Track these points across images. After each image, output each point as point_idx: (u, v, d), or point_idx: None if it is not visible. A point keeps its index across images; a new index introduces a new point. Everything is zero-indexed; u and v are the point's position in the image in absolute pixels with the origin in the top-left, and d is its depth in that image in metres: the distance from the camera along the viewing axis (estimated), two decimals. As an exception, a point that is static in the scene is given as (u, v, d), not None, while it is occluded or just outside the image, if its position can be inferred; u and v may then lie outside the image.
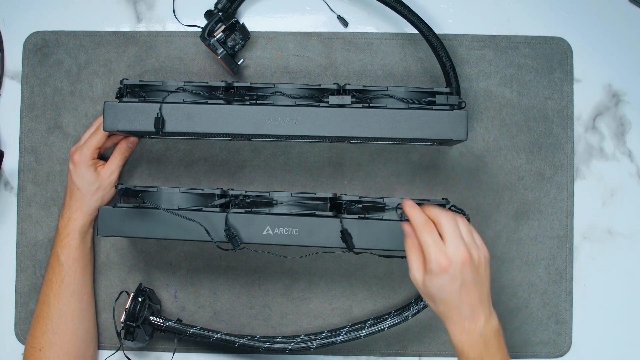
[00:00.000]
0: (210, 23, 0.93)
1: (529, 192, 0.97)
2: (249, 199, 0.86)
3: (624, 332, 0.97)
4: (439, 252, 0.73)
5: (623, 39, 0.98)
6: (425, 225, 0.74)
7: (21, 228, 0.97)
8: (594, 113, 0.98)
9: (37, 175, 0.97)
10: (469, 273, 0.73)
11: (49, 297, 0.90)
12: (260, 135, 0.87)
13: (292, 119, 0.84)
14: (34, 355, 0.89)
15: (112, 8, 0.99)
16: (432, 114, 0.84)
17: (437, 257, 0.72)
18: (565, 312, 0.96)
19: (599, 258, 0.97)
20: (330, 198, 0.86)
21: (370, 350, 0.97)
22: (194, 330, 0.91)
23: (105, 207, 0.86)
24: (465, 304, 0.73)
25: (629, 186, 0.97)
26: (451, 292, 0.73)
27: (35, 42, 0.98)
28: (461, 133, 0.84)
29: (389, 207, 0.85)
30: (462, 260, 0.73)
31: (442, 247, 0.73)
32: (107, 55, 0.98)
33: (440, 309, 0.75)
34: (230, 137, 0.92)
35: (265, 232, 0.84)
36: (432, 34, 0.91)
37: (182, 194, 0.85)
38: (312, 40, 0.97)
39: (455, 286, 0.73)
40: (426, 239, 0.73)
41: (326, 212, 0.85)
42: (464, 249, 0.73)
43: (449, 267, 0.72)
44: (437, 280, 0.73)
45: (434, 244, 0.73)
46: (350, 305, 0.97)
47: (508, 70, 0.97)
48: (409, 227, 0.76)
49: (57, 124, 0.98)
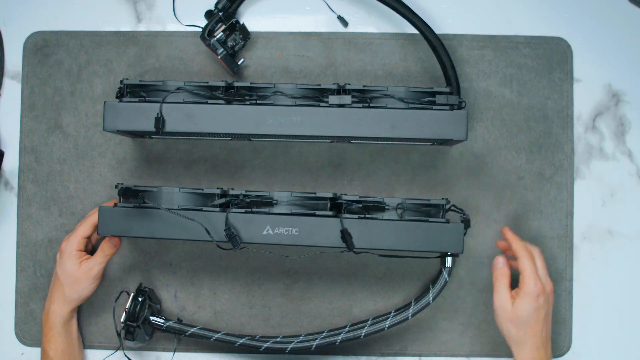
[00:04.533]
0: (210, 23, 0.93)
1: (529, 192, 0.97)
2: (249, 199, 0.86)
3: (624, 332, 0.97)
4: (537, 279, 0.83)
5: (623, 39, 0.98)
6: (526, 252, 0.84)
7: (21, 228, 0.97)
8: (594, 113, 0.98)
9: (37, 175, 0.97)
10: (551, 305, 0.85)
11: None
12: (260, 135, 0.87)
13: (292, 119, 0.84)
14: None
15: (112, 8, 0.99)
16: (432, 113, 0.84)
17: (535, 282, 0.82)
18: (565, 312, 0.96)
19: (599, 258, 0.97)
20: (330, 198, 0.86)
21: (370, 350, 0.97)
22: (194, 330, 0.91)
23: (105, 206, 0.86)
24: (544, 333, 0.83)
25: (629, 186, 0.97)
26: (537, 318, 0.82)
27: (35, 42, 0.98)
28: (461, 133, 0.84)
29: (389, 207, 0.85)
30: (550, 290, 0.85)
31: (537, 275, 0.83)
32: (107, 55, 0.98)
33: (520, 334, 0.83)
34: (230, 137, 0.92)
35: (265, 231, 0.84)
36: (432, 34, 0.91)
37: (182, 193, 0.85)
38: (312, 40, 0.97)
39: (542, 313, 0.83)
40: (526, 264, 0.83)
41: (326, 212, 0.85)
42: (550, 281, 0.85)
43: (541, 294, 0.82)
44: (529, 304, 0.82)
45: (532, 272, 0.83)
46: (350, 305, 0.97)
47: (508, 70, 0.97)
48: (502, 258, 0.86)
49: (57, 124, 0.98)
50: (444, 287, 0.90)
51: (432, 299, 0.90)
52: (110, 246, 0.90)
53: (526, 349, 0.83)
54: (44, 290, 0.96)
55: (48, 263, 0.97)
